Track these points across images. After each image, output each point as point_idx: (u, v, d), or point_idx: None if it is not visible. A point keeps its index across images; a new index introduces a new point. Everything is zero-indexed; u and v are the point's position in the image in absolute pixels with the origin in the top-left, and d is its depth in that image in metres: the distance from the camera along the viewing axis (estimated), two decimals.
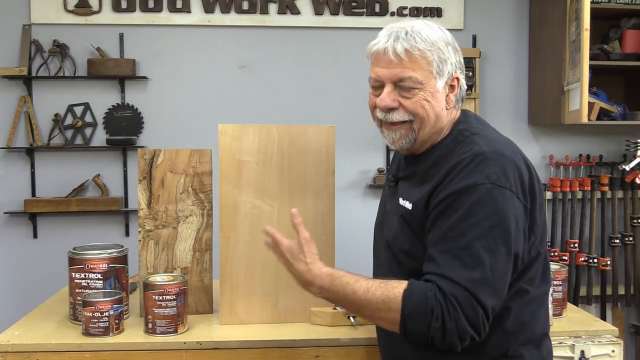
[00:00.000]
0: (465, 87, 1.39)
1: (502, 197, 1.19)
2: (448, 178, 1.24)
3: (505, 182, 1.20)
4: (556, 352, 1.65)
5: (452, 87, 1.34)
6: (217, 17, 3.33)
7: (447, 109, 1.34)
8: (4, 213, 3.26)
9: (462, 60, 1.37)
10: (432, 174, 1.30)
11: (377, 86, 1.35)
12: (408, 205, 1.33)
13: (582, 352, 1.66)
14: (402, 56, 1.29)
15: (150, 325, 1.62)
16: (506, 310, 1.27)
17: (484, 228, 1.19)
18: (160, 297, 1.60)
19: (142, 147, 3.25)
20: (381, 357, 1.49)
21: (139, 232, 1.78)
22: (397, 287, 1.22)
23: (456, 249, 1.20)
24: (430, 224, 1.26)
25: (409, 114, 1.32)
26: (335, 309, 1.72)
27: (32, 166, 3.28)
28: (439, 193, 1.25)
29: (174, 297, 1.61)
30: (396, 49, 1.29)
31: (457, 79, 1.35)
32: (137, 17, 3.29)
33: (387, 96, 1.32)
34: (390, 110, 1.33)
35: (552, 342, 1.65)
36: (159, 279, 1.67)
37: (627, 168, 3.27)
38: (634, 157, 3.28)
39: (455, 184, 1.22)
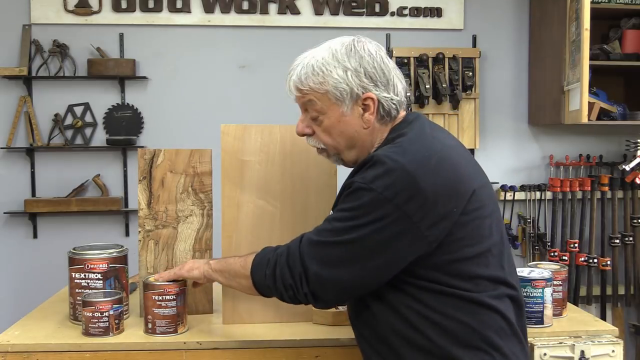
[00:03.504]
0: (395, 97, 1.36)
1: (367, 198, 1.25)
2: (351, 177, 1.35)
3: (379, 186, 1.23)
4: (556, 352, 1.66)
5: (366, 106, 1.35)
6: (217, 17, 3.33)
7: (365, 128, 1.37)
8: (4, 213, 3.26)
9: (378, 77, 1.34)
10: None
11: None
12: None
13: (582, 352, 1.66)
14: (294, 92, 1.41)
15: (150, 325, 1.62)
16: (432, 311, 1.27)
17: (343, 215, 1.29)
18: (160, 297, 1.60)
19: (142, 147, 3.25)
20: None
21: (139, 232, 1.78)
22: (254, 253, 1.43)
23: (325, 220, 1.35)
24: None
25: (320, 143, 1.42)
26: (337, 308, 1.72)
27: (32, 166, 3.28)
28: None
29: (173, 297, 1.60)
30: (290, 86, 1.41)
31: (370, 98, 1.34)
32: (137, 17, 3.29)
33: (300, 122, 1.44)
34: (307, 136, 1.44)
35: (552, 342, 1.66)
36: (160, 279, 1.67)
37: (627, 168, 3.27)
38: (634, 157, 3.28)
39: (345, 181, 1.34)
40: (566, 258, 3.39)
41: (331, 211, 1.46)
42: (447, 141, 1.36)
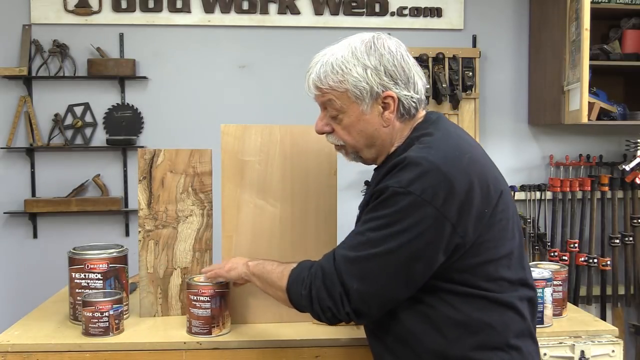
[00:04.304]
0: (415, 95, 1.35)
1: (406, 202, 1.21)
2: (380, 180, 1.30)
3: (416, 189, 1.21)
4: (556, 352, 1.66)
5: (386, 104, 1.34)
6: (217, 17, 3.33)
7: (384, 126, 1.35)
8: (4, 213, 3.26)
9: (399, 75, 1.33)
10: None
11: None
12: (358, 212, 1.43)
13: (582, 352, 1.66)
14: (314, 91, 1.38)
15: (188, 324, 1.63)
16: (457, 312, 1.27)
17: (379, 224, 1.24)
18: (195, 298, 1.60)
19: (142, 147, 3.25)
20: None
21: (139, 232, 1.78)
22: (292, 265, 1.39)
23: (354, 233, 1.31)
24: None
25: (340, 140, 1.41)
26: None
27: (32, 166, 3.28)
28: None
29: (207, 298, 1.59)
30: (309, 84, 1.39)
31: (390, 96, 1.33)
32: (137, 17, 3.29)
33: (319, 121, 1.42)
34: (326, 133, 1.42)
35: (552, 342, 1.66)
36: (202, 278, 1.66)
37: (627, 168, 3.27)
38: (634, 157, 3.28)
39: (378, 185, 1.29)
40: (566, 258, 3.39)
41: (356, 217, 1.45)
42: (471, 141, 1.37)
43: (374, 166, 1.48)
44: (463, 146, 1.31)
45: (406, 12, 3.41)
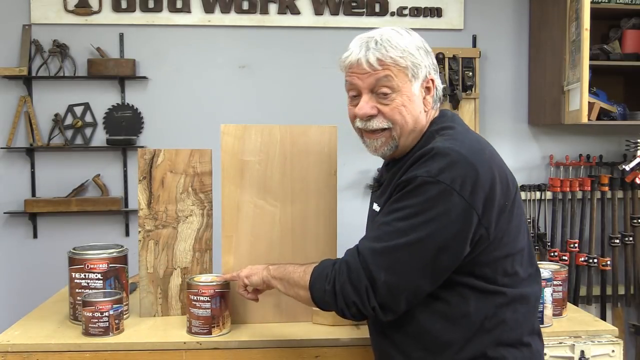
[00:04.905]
0: (442, 86, 1.42)
1: (435, 191, 1.20)
2: (404, 173, 1.29)
3: (445, 178, 1.20)
4: (556, 352, 1.66)
5: (427, 89, 1.37)
6: (217, 17, 3.33)
7: (425, 111, 1.37)
8: (4, 213, 3.26)
9: (435, 62, 1.40)
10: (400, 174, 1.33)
11: (355, 96, 1.39)
12: (377, 208, 1.40)
13: (582, 352, 1.66)
14: (375, 65, 1.32)
15: (188, 324, 1.63)
16: (473, 308, 1.26)
17: (407, 213, 1.22)
18: (195, 298, 1.60)
19: (142, 147, 3.25)
20: (374, 355, 1.49)
21: (139, 232, 1.78)
22: (314, 264, 1.36)
23: (379, 224, 1.27)
24: None
25: (387, 121, 1.35)
26: None
27: (32, 166, 3.28)
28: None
29: (207, 298, 1.60)
30: (369, 59, 1.32)
31: (432, 80, 1.37)
32: (137, 17, 3.29)
33: (365, 104, 1.35)
34: (370, 117, 1.36)
35: (552, 342, 1.66)
36: (203, 278, 1.66)
37: (627, 168, 3.27)
38: (634, 157, 3.28)
39: (404, 176, 1.27)
40: (566, 258, 3.39)
41: (374, 207, 1.44)
42: (485, 139, 1.39)
43: (379, 166, 1.49)
44: (482, 141, 1.35)
45: (406, 12, 3.41)
